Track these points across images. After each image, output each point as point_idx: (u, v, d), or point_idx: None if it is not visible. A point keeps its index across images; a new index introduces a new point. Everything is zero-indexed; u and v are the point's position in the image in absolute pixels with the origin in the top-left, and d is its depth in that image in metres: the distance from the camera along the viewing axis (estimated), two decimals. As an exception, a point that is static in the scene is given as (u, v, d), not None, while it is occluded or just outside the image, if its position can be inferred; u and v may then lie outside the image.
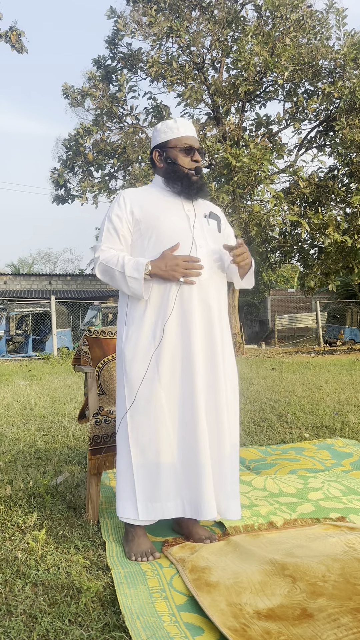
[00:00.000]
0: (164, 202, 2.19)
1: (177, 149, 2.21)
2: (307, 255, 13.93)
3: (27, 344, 14.39)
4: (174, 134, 2.22)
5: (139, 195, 2.21)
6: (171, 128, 2.23)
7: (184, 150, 2.21)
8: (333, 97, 11.64)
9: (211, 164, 12.31)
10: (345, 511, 2.48)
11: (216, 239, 2.24)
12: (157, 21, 11.97)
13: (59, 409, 5.27)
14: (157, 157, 2.27)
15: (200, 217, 2.22)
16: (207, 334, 2.12)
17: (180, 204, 2.20)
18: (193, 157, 2.22)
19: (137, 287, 2.06)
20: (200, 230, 2.18)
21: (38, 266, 36.98)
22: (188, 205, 2.21)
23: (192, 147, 2.22)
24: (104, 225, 2.19)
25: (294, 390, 6.38)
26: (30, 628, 1.62)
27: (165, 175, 2.24)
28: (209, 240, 2.19)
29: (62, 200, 14.16)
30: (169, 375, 2.08)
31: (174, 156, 2.22)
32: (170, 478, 2.07)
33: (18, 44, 10.67)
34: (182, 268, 2.05)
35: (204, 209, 2.26)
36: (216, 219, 2.28)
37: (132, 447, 2.09)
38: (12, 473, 3.15)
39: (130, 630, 1.56)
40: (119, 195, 2.23)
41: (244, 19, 12.31)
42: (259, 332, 26.17)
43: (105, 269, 2.13)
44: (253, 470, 3.19)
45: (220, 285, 2.22)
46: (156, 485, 2.07)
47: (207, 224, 2.23)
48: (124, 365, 2.14)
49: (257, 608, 1.67)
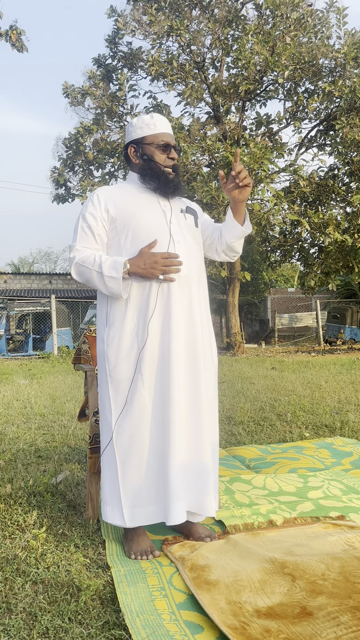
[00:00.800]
0: (139, 199, 2.16)
1: (154, 145, 2.18)
2: (307, 255, 13.92)
3: (27, 343, 14.39)
4: (151, 130, 2.19)
5: (114, 193, 2.18)
6: (147, 124, 2.20)
7: (160, 147, 2.18)
8: (333, 96, 11.64)
9: (211, 163, 12.30)
10: (345, 510, 2.48)
11: (194, 234, 2.22)
12: (158, 20, 11.97)
13: (59, 408, 5.27)
14: (132, 152, 2.22)
15: (177, 212, 2.19)
16: (189, 331, 2.10)
17: (156, 200, 2.17)
18: (169, 154, 2.19)
19: (116, 286, 2.03)
20: (178, 225, 2.16)
21: (38, 265, 36.99)
22: (164, 201, 2.18)
23: (169, 144, 2.20)
24: (78, 224, 2.15)
25: (294, 389, 6.38)
26: (30, 626, 1.63)
27: (141, 172, 2.21)
28: (186, 235, 2.17)
29: (63, 199, 14.15)
30: (150, 375, 2.06)
31: (151, 153, 2.19)
32: (154, 481, 2.06)
33: (18, 43, 10.67)
34: (161, 265, 2.03)
35: (180, 204, 2.24)
36: (193, 214, 2.26)
37: (117, 452, 2.07)
38: (12, 471, 3.15)
39: (130, 629, 1.57)
40: (92, 194, 2.19)
41: (244, 17, 12.30)
42: (259, 332, 26.17)
43: (82, 269, 2.09)
44: (253, 469, 3.19)
45: (200, 279, 2.20)
46: (140, 490, 2.06)
47: (184, 219, 2.20)
48: (107, 368, 2.11)
49: (256, 606, 1.67)
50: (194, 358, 2.11)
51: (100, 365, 2.17)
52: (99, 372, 2.20)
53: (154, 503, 2.07)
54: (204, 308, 2.21)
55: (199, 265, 2.20)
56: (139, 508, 2.06)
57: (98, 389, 2.21)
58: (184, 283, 2.11)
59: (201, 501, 2.09)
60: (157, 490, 2.06)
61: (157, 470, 2.06)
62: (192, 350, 2.11)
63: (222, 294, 20.31)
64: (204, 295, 2.22)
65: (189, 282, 2.12)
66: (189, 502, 2.08)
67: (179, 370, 2.05)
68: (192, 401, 2.10)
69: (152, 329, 2.05)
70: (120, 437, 2.07)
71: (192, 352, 2.11)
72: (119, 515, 2.07)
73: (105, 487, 2.12)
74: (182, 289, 2.10)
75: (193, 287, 2.14)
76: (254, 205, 11.17)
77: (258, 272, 24.56)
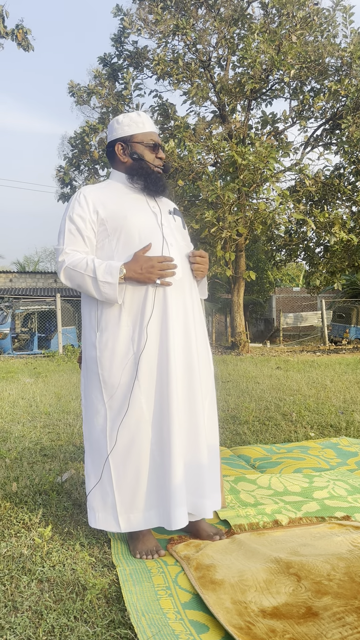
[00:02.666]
0: (128, 200, 2.12)
1: (144, 144, 2.16)
2: (312, 254, 13.90)
3: (32, 341, 14.43)
4: (140, 129, 2.17)
5: (101, 193, 2.12)
6: (136, 122, 2.17)
7: (150, 146, 2.17)
8: (339, 95, 11.61)
9: (217, 162, 12.29)
10: (350, 510, 2.47)
11: (183, 236, 2.21)
12: (163, 19, 11.96)
13: (65, 407, 5.28)
14: (120, 151, 2.18)
15: (166, 213, 2.17)
16: (184, 334, 2.08)
17: (144, 200, 2.14)
18: (158, 154, 2.18)
19: (111, 292, 1.96)
20: (169, 227, 2.13)
21: (43, 264, 37.08)
22: (152, 202, 2.15)
23: (157, 144, 2.19)
24: (65, 227, 2.06)
25: (299, 389, 6.37)
26: (36, 624, 1.63)
27: (129, 171, 2.17)
28: (177, 237, 2.15)
29: (68, 198, 14.17)
30: (147, 380, 2.02)
31: (141, 152, 2.16)
32: (153, 487, 2.04)
33: (24, 42, 10.69)
34: (157, 270, 1.98)
35: (167, 205, 2.23)
36: (179, 215, 2.25)
37: (111, 457, 2.03)
38: (17, 470, 3.16)
39: (135, 628, 1.57)
40: (78, 194, 2.11)
41: (250, 16, 12.28)
42: (264, 331, 26.14)
43: (73, 274, 2.01)
44: (258, 468, 3.19)
45: (193, 282, 2.17)
46: (138, 495, 2.03)
47: (174, 220, 2.18)
48: (101, 374, 2.05)
49: (262, 606, 1.67)
50: (190, 361, 2.08)
51: (91, 370, 2.10)
52: (87, 377, 2.13)
53: (154, 507, 2.05)
54: (197, 310, 2.19)
55: (190, 267, 2.17)
56: (135, 513, 2.03)
57: (85, 394, 2.15)
58: (178, 286, 2.07)
59: (197, 503, 2.08)
60: (157, 495, 2.04)
61: (157, 475, 2.04)
62: (188, 354, 2.09)
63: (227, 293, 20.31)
64: (196, 297, 2.20)
65: (182, 285, 2.09)
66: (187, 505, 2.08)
67: (177, 375, 2.03)
68: (190, 405, 2.08)
69: (149, 333, 2.02)
70: (114, 442, 2.02)
71: (188, 355, 2.09)
72: (113, 522, 2.04)
73: (96, 494, 2.07)
74: (176, 293, 2.07)
75: (186, 289, 2.11)
76: (259, 205, 11.16)
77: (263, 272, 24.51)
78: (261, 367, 9.43)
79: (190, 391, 2.08)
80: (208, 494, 2.11)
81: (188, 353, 2.09)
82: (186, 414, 2.07)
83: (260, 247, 14.13)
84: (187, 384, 2.08)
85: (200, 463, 2.09)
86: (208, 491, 2.11)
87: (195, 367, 2.09)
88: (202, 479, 2.09)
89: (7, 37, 10.57)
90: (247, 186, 11.05)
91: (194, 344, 2.10)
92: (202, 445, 2.10)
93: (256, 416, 4.73)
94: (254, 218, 11.42)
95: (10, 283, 22.95)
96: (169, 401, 2.01)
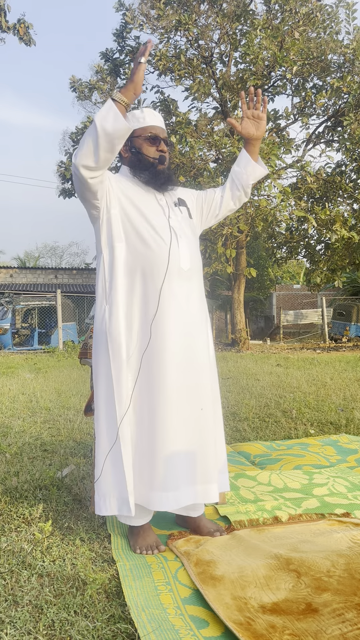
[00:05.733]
0: (139, 194, 2.17)
1: (142, 138, 2.20)
2: (313, 251, 13.87)
3: (32, 337, 14.43)
4: (140, 124, 2.20)
5: (120, 180, 2.18)
6: (137, 117, 2.21)
7: (148, 139, 2.19)
8: (342, 92, 11.56)
9: (218, 158, 12.26)
10: (350, 507, 2.48)
11: (191, 227, 2.25)
12: (166, 14, 11.91)
13: (65, 402, 5.29)
14: (122, 147, 2.22)
15: (172, 206, 2.22)
16: (186, 323, 2.12)
17: (153, 194, 2.20)
18: (158, 147, 2.20)
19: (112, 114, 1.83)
20: (177, 220, 2.19)
21: (44, 260, 37.07)
22: (159, 195, 2.21)
23: (157, 137, 2.20)
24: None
25: (299, 386, 6.37)
26: (36, 618, 1.64)
27: (131, 165, 2.23)
28: (185, 229, 2.20)
29: (69, 193, 14.16)
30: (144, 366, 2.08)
31: (139, 146, 2.21)
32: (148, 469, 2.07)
33: (26, 37, 10.65)
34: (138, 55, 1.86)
35: (173, 197, 2.27)
36: (185, 205, 2.28)
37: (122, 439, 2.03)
38: (18, 465, 3.17)
39: (135, 622, 1.57)
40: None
41: (252, 12, 12.22)
42: (264, 328, 26.12)
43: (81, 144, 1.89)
44: (258, 465, 3.19)
45: (199, 273, 2.24)
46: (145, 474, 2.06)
47: (180, 212, 2.23)
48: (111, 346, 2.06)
49: (262, 602, 1.67)
50: (191, 348, 2.12)
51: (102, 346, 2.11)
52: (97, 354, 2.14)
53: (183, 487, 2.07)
54: (202, 300, 2.24)
55: (199, 259, 2.24)
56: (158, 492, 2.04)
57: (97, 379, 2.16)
58: (185, 277, 2.13)
59: (206, 490, 2.09)
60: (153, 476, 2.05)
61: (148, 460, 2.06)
62: (189, 341, 2.12)
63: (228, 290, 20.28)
64: (202, 287, 2.26)
65: (189, 276, 2.15)
66: (195, 494, 2.08)
67: (174, 362, 2.07)
68: (191, 395, 2.10)
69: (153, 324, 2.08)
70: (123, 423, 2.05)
71: (190, 343, 2.12)
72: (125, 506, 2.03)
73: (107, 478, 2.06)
74: (181, 282, 2.12)
75: (193, 280, 2.18)
76: (260, 201, 11.14)
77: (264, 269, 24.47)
78: (261, 364, 9.43)
79: (193, 380, 2.11)
80: (214, 479, 2.12)
81: (190, 341, 2.12)
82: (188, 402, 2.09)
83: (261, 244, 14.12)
84: (188, 373, 2.10)
85: (203, 450, 2.10)
86: (214, 477, 2.12)
87: (199, 354, 2.14)
88: (206, 466, 2.10)
89: (8, 31, 10.53)
90: (248, 183, 10.99)
91: (196, 331, 2.15)
92: (208, 432, 2.12)
93: (256, 413, 4.73)
94: (255, 215, 11.39)
95: (10, 278, 22.93)
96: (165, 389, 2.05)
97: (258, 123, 2.28)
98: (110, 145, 1.88)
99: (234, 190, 2.38)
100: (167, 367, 2.06)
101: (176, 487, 2.03)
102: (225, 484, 2.25)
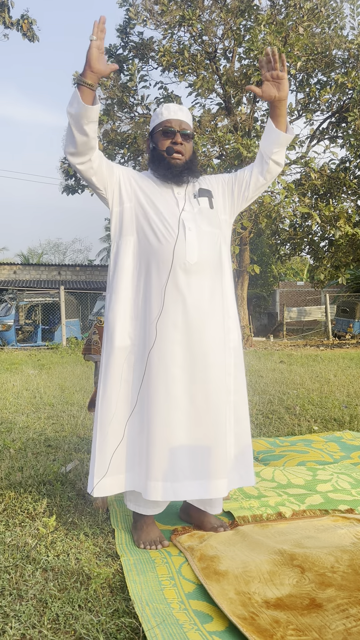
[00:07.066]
0: (155, 189, 2.17)
1: (158, 133, 2.20)
2: (317, 248, 13.84)
3: (36, 333, 14.45)
4: (158, 119, 2.21)
5: (139, 177, 2.20)
6: (158, 114, 2.22)
7: (162, 133, 2.18)
8: (346, 87, 11.51)
9: (222, 154, 12.24)
10: (354, 503, 2.48)
11: (209, 218, 2.19)
12: (169, 10, 11.87)
13: (68, 398, 5.30)
14: (147, 145, 2.27)
15: (191, 198, 2.19)
16: (195, 317, 2.09)
17: (170, 188, 2.18)
18: (173, 139, 2.17)
19: (74, 97, 1.89)
20: (191, 212, 2.14)
21: (47, 256, 37.06)
22: (178, 189, 2.18)
23: (170, 130, 2.17)
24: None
25: (302, 383, 6.37)
26: (41, 612, 1.64)
27: (150, 161, 2.25)
28: (199, 221, 2.15)
29: (72, 190, 14.15)
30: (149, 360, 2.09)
31: (155, 141, 2.22)
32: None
33: (29, 33, 10.64)
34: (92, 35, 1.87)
35: (194, 188, 2.23)
36: (207, 195, 2.23)
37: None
38: (22, 460, 3.18)
39: (139, 617, 1.58)
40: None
41: (256, 7, 12.16)
42: (268, 325, 26.10)
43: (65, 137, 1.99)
44: (262, 461, 3.19)
45: (215, 266, 2.17)
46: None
47: (198, 204, 2.18)
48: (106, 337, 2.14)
49: (265, 597, 1.67)
50: (198, 343, 2.09)
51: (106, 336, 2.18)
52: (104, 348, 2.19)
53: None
54: (219, 294, 2.17)
55: (214, 252, 2.16)
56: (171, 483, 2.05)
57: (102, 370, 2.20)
58: (193, 271, 2.09)
59: (215, 485, 2.07)
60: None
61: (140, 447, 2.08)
62: (196, 336, 2.09)
63: (231, 287, 20.22)
64: (220, 281, 2.19)
65: (198, 270, 2.10)
66: (200, 488, 2.07)
67: (176, 357, 2.06)
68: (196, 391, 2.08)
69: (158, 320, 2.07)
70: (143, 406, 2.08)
71: (196, 338, 2.09)
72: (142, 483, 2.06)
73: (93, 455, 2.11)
74: (189, 276, 2.08)
75: (204, 274, 2.12)
76: (264, 198, 11.11)
77: (267, 265, 24.46)
78: (265, 360, 9.43)
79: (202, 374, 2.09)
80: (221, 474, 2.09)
81: (196, 337, 2.09)
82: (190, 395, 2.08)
83: (265, 241, 14.10)
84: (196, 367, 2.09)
85: (210, 445, 2.08)
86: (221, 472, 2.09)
87: (211, 350, 2.10)
88: (214, 460, 2.07)
89: (12, 27, 10.52)
90: (252, 179, 10.97)
91: (204, 327, 2.10)
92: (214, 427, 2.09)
93: (260, 409, 4.73)
94: (259, 211, 11.37)
95: (14, 275, 22.95)
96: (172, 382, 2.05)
97: (279, 83, 2.14)
98: (79, 126, 1.91)
99: (262, 163, 2.27)
100: (169, 362, 2.05)
101: (174, 479, 2.03)
102: (237, 481, 2.21)
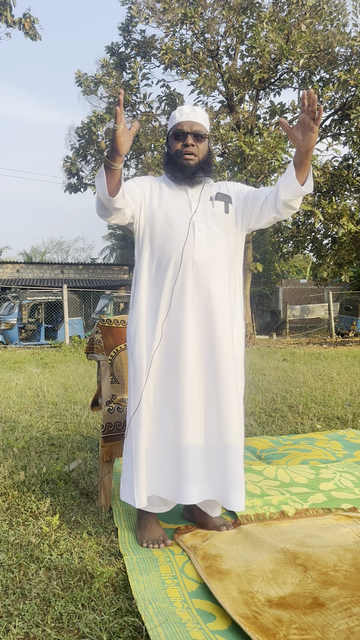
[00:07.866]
0: (168, 192, 2.19)
1: (171, 136, 2.22)
2: (320, 246, 13.82)
3: (39, 332, 14.47)
4: (171, 123, 2.23)
5: (154, 181, 2.25)
6: (171, 118, 2.25)
7: (174, 136, 2.20)
8: (349, 85, 11.48)
9: (224, 152, 12.22)
10: (357, 502, 2.48)
11: (222, 221, 2.18)
12: (171, 7, 11.85)
13: (71, 397, 5.30)
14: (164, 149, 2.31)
15: (206, 200, 2.18)
16: (205, 319, 2.09)
17: (184, 190, 2.20)
18: (184, 141, 2.17)
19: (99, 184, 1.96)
20: (203, 214, 2.15)
21: (50, 255, 37.09)
22: (192, 190, 2.19)
23: (181, 132, 2.17)
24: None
25: (305, 381, 6.36)
26: (44, 611, 1.65)
27: (163, 164, 2.28)
28: (211, 223, 2.15)
29: (75, 188, 14.14)
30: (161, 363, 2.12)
31: (169, 144, 2.24)
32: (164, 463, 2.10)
33: (32, 31, 10.64)
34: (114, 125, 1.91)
35: (210, 191, 2.22)
36: (224, 199, 2.21)
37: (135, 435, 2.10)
38: (25, 459, 3.19)
39: (143, 616, 1.58)
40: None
41: (259, 5, 12.13)
42: (271, 323, 26.09)
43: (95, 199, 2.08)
44: (264, 460, 3.19)
45: (224, 267, 2.16)
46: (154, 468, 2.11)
47: (212, 207, 2.18)
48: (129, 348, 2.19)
49: (268, 596, 1.67)
50: (211, 349, 2.10)
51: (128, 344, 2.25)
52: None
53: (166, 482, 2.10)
54: (227, 295, 2.15)
55: (223, 253, 2.16)
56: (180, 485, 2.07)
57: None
58: (202, 271, 2.10)
59: (226, 494, 2.07)
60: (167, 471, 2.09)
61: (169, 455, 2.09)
62: (208, 339, 2.10)
63: (234, 285, 20.21)
64: (228, 282, 2.18)
65: (207, 270, 2.10)
66: (214, 493, 2.08)
67: (190, 360, 2.07)
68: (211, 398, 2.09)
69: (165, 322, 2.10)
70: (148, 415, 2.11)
71: (209, 342, 2.10)
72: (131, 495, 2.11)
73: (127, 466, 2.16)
74: (198, 277, 2.09)
75: (213, 274, 2.11)
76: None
77: (270, 263, 24.43)
78: (267, 359, 9.42)
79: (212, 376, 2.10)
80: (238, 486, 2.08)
81: (209, 339, 2.10)
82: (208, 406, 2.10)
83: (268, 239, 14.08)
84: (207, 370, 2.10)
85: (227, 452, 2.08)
86: (238, 483, 2.08)
87: (219, 353, 2.10)
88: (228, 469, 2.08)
89: (14, 26, 10.52)
90: (255, 177, 10.99)
91: (220, 328, 2.10)
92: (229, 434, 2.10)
93: (262, 408, 4.73)
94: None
95: (17, 274, 22.99)
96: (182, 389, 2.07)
97: (305, 132, 1.93)
98: (107, 206, 2.02)
99: (273, 200, 2.15)
100: (181, 365, 2.07)
101: (196, 481, 2.06)
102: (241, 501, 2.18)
